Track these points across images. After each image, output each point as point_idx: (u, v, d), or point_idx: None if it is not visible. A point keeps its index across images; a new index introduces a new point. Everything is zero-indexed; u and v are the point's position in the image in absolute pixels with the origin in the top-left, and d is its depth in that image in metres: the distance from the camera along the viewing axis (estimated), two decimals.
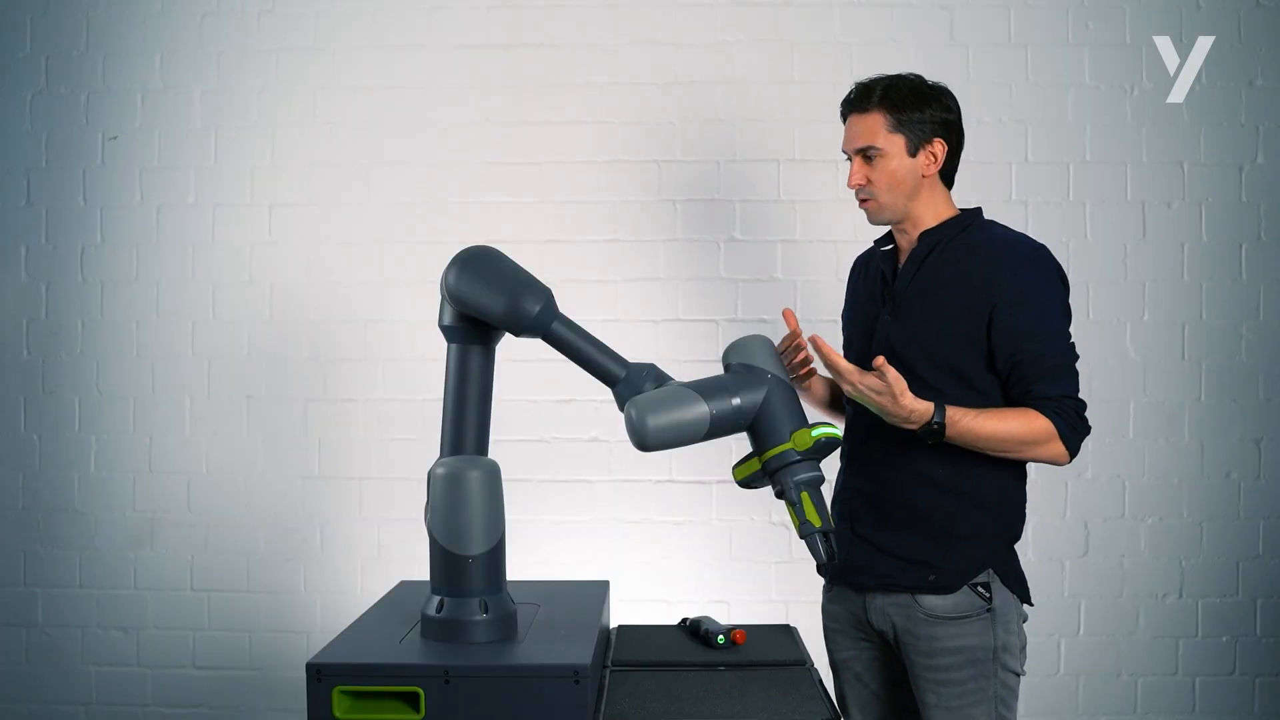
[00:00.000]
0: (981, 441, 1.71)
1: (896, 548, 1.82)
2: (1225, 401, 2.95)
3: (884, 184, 1.83)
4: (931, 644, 1.78)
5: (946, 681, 1.77)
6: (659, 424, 1.59)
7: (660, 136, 3.02)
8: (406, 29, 3.03)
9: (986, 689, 1.77)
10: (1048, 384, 1.73)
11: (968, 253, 1.82)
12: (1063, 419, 1.71)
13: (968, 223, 1.86)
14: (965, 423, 1.69)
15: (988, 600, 1.77)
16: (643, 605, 2.80)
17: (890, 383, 1.64)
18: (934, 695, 1.78)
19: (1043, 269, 1.79)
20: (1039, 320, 1.75)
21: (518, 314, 1.64)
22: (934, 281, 1.82)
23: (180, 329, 3.05)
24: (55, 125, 3.06)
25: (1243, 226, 2.95)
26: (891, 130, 1.82)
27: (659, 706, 1.64)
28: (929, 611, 1.78)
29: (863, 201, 1.86)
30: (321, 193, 3.04)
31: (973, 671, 1.76)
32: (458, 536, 1.62)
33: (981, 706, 1.77)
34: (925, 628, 1.78)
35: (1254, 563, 2.94)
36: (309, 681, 1.49)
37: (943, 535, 1.79)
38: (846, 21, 2.99)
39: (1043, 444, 1.72)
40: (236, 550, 3.03)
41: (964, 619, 1.77)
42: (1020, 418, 1.71)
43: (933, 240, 1.85)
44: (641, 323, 2.98)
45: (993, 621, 1.77)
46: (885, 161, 1.82)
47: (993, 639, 1.77)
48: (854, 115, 1.86)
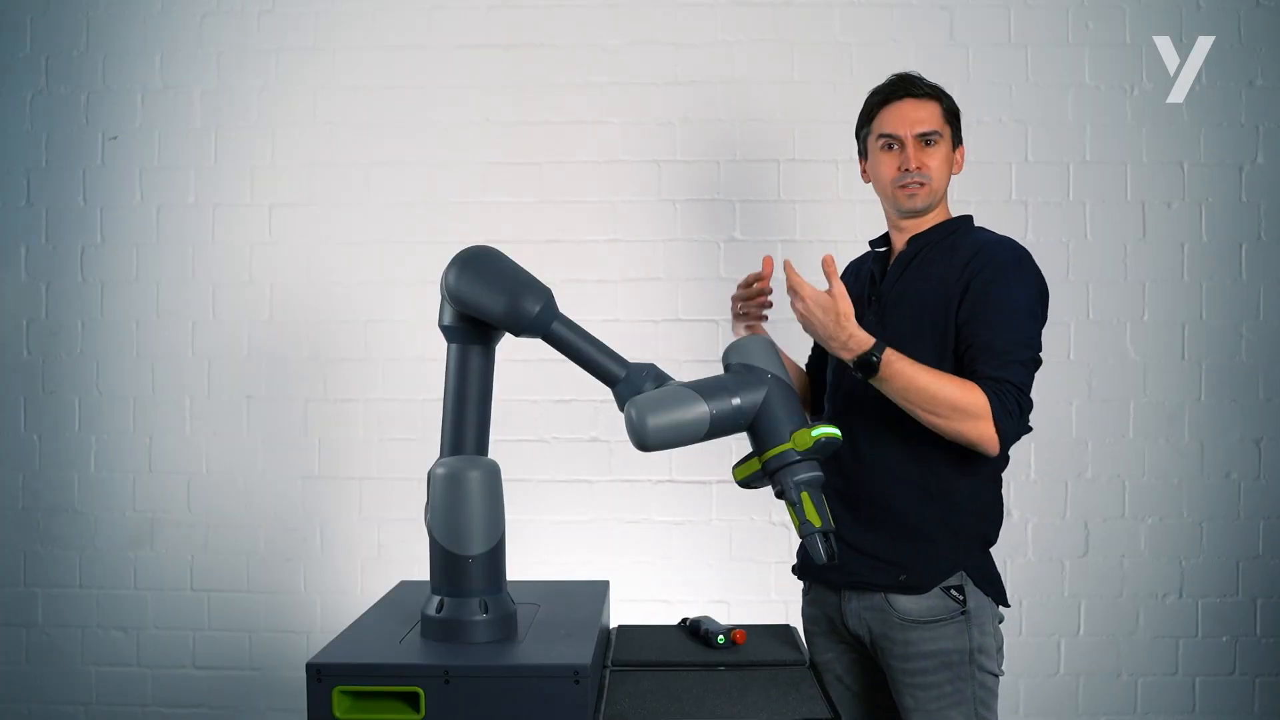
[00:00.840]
0: (912, 393, 1.67)
1: (868, 546, 1.82)
2: (1225, 401, 2.95)
3: (939, 170, 1.85)
4: (907, 648, 1.78)
5: (923, 685, 1.77)
6: (659, 424, 1.59)
7: (660, 136, 3.02)
8: (406, 29, 3.03)
9: (964, 691, 1.77)
10: (992, 367, 1.70)
11: (950, 254, 1.83)
12: (999, 401, 1.67)
13: (955, 228, 1.89)
14: (900, 366, 1.66)
15: (961, 603, 1.77)
16: (643, 605, 2.80)
17: (836, 298, 1.64)
18: (912, 699, 1.79)
19: (1018, 269, 1.78)
20: (999, 311, 1.74)
21: (518, 314, 1.64)
22: (917, 281, 1.84)
23: (180, 329, 3.05)
24: (55, 125, 3.07)
25: (1243, 226, 2.95)
26: (945, 121, 1.87)
27: (659, 706, 1.63)
28: (903, 615, 1.78)
29: (918, 186, 1.85)
30: (321, 193, 3.04)
31: (949, 675, 1.76)
32: (458, 536, 1.62)
33: (960, 709, 1.77)
34: (900, 632, 1.79)
35: (1254, 563, 2.94)
36: (309, 681, 1.49)
37: (914, 536, 1.79)
38: (846, 21, 2.99)
39: (972, 418, 1.67)
40: (236, 550, 3.03)
41: (938, 622, 1.77)
42: (957, 385, 1.68)
43: (920, 243, 1.87)
44: (641, 323, 2.98)
45: (967, 624, 1.77)
46: (943, 148, 1.86)
47: (968, 641, 1.77)
48: (910, 100, 1.86)
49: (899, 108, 1.86)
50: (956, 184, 1.94)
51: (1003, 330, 1.73)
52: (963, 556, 1.80)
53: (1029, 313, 1.77)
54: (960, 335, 1.76)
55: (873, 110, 1.91)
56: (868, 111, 1.92)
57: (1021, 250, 1.82)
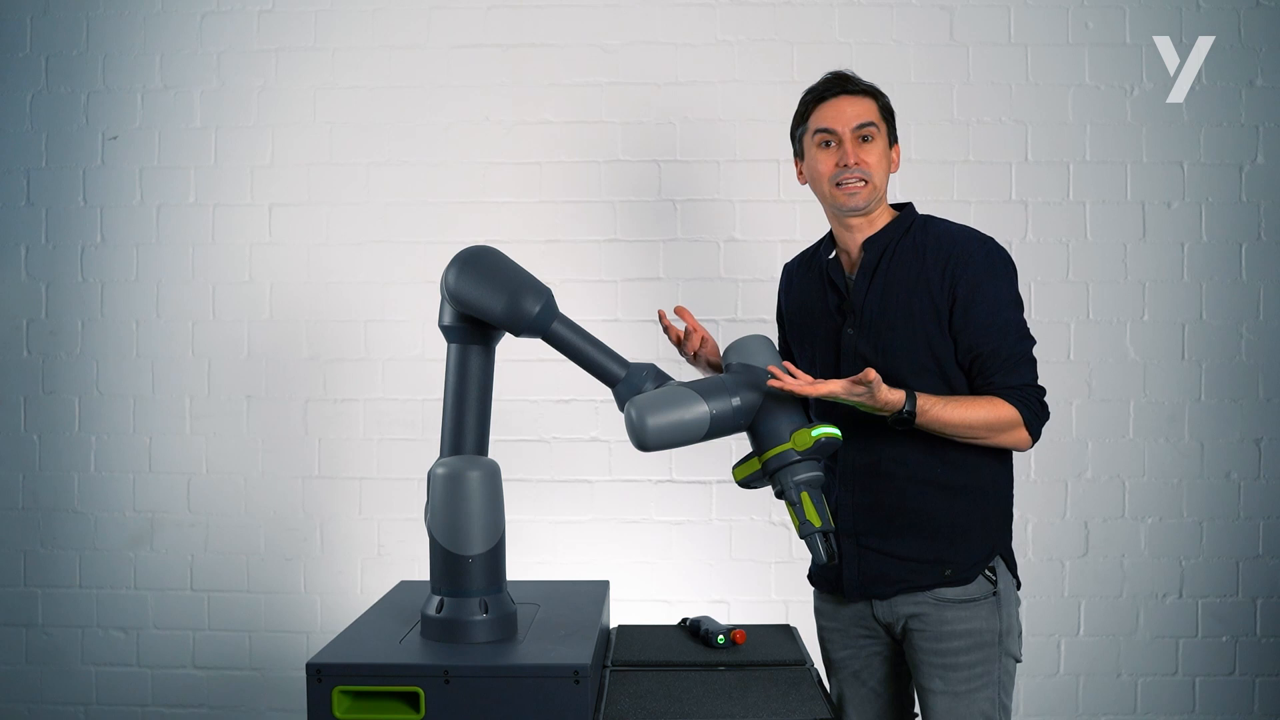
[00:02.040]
0: (949, 429, 1.73)
1: (907, 552, 1.81)
2: (1225, 401, 2.95)
3: (878, 166, 1.83)
4: (941, 628, 1.79)
5: (954, 665, 1.78)
6: (659, 424, 1.59)
7: (660, 136, 3.02)
8: (406, 29, 3.03)
9: (991, 673, 1.79)
10: (1008, 375, 1.76)
11: (917, 255, 1.82)
12: (1027, 408, 1.75)
13: (909, 223, 1.87)
14: (934, 411, 1.70)
15: (994, 583, 1.80)
16: (643, 605, 2.80)
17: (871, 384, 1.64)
18: (941, 680, 1.79)
19: (992, 261, 1.80)
20: (994, 313, 1.77)
21: (518, 314, 1.64)
22: (891, 289, 1.82)
23: (180, 329, 3.05)
24: (55, 125, 3.07)
25: (1243, 226, 2.95)
26: (881, 116, 1.86)
27: (659, 706, 1.64)
28: (940, 596, 1.80)
29: (858, 183, 1.82)
30: (321, 193, 3.04)
31: (980, 655, 1.78)
32: (458, 536, 1.62)
33: (986, 692, 1.78)
34: (936, 611, 1.79)
35: (1254, 563, 2.94)
36: (309, 681, 1.49)
37: (950, 532, 1.80)
38: (846, 21, 2.99)
39: (1008, 430, 1.75)
40: (236, 550, 3.03)
41: (973, 602, 1.79)
42: (987, 405, 1.74)
43: (879, 247, 1.85)
44: (641, 323, 2.98)
45: (998, 605, 1.80)
46: (879, 143, 1.84)
47: (998, 622, 1.79)
48: (845, 96, 1.84)
49: (835, 104, 1.84)
50: (957, 184, 1.94)
51: (1002, 333, 1.77)
52: (996, 540, 1.84)
53: (1015, 303, 1.81)
54: (960, 344, 1.78)
55: (808, 108, 1.88)
56: (803, 110, 1.89)
57: (989, 240, 1.83)
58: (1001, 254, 1.82)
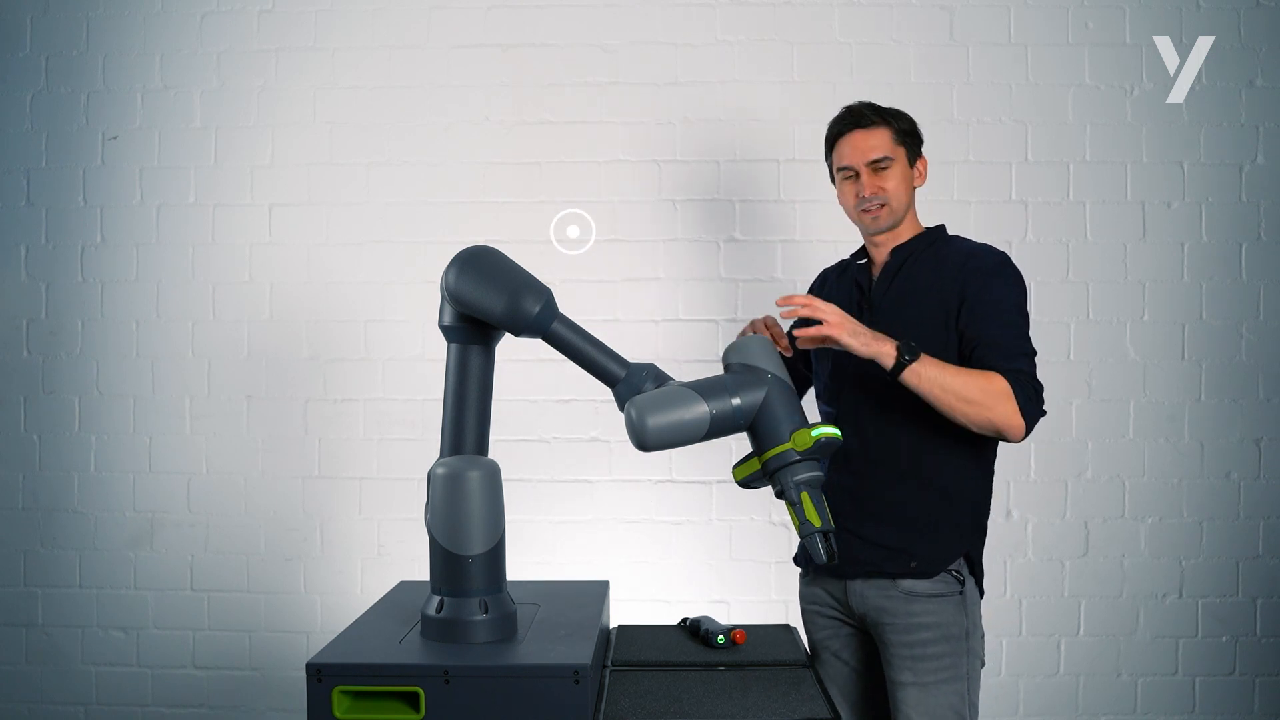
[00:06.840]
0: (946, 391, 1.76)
1: (877, 538, 1.91)
2: (1225, 401, 2.95)
3: (896, 190, 1.97)
4: (909, 619, 1.86)
5: (922, 657, 1.85)
6: (659, 424, 1.59)
7: (660, 136, 3.02)
8: (406, 29, 3.03)
9: (959, 668, 1.85)
10: (1002, 359, 1.81)
11: (936, 264, 1.95)
12: (1020, 388, 1.78)
13: (934, 238, 2.00)
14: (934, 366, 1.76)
15: (960, 582, 1.88)
16: (643, 605, 2.80)
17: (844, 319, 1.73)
18: (909, 673, 1.86)
19: (1004, 275, 1.90)
20: (998, 311, 1.86)
21: (518, 314, 1.64)
22: (908, 291, 1.94)
23: (180, 329, 3.05)
24: (55, 125, 3.07)
25: (1243, 226, 2.95)
26: (896, 143, 1.97)
27: (659, 706, 1.64)
28: (906, 590, 1.87)
29: (878, 208, 1.96)
30: (321, 193, 3.04)
31: (948, 648, 1.85)
32: (458, 536, 1.62)
33: (954, 685, 1.84)
34: (903, 604, 1.87)
35: (1254, 563, 2.94)
36: (309, 681, 1.49)
37: (918, 525, 1.89)
38: (846, 21, 2.99)
39: (1000, 401, 1.76)
40: (236, 550, 3.04)
41: (939, 597, 1.87)
42: (981, 376, 1.79)
43: (904, 254, 1.99)
44: (641, 323, 2.98)
45: (964, 604, 1.88)
46: (897, 169, 1.96)
47: (965, 619, 1.87)
48: (858, 131, 1.98)
49: (850, 140, 1.98)
50: (957, 184, 1.95)
51: (1005, 329, 1.85)
52: (964, 542, 1.91)
53: (1021, 311, 1.89)
54: (964, 338, 1.87)
55: (830, 144, 2.04)
56: (829, 144, 2.05)
57: (1003, 255, 1.94)
58: (1014, 267, 1.93)
